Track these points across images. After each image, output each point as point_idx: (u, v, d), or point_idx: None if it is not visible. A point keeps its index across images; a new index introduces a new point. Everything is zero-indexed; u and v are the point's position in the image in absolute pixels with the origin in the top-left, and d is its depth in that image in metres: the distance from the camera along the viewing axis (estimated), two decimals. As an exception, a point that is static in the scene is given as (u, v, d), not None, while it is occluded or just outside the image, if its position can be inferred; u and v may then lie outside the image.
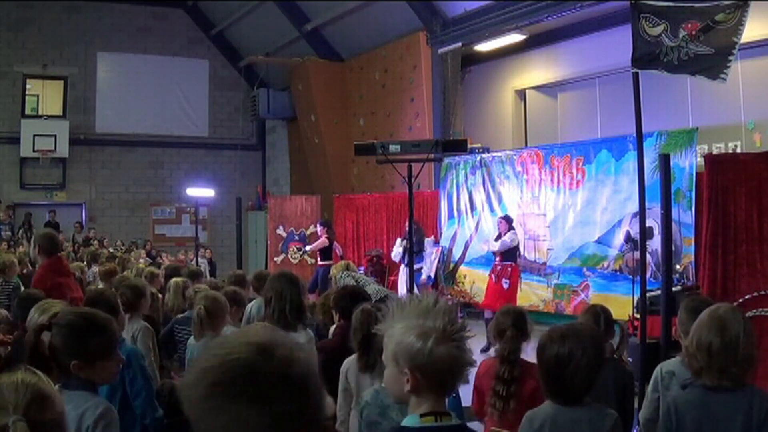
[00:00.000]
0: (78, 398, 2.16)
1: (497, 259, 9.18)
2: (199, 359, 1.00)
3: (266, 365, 0.95)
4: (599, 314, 3.44)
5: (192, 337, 4.08)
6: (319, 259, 12.11)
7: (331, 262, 11.96)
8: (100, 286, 6.21)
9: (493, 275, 9.19)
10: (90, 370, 2.24)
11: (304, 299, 3.82)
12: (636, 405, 3.40)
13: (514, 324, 3.34)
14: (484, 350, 8.52)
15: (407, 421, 1.69)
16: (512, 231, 9.19)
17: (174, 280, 5.75)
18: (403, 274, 10.40)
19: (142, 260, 11.90)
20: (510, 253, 9.05)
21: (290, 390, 0.95)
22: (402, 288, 10.19)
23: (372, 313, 3.35)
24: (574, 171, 9.80)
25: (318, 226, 12.39)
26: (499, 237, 9.23)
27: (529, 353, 3.46)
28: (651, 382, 2.98)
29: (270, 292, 3.77)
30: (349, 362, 3.51)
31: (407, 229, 8.54)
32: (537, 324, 3.80)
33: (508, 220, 9.34)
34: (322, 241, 12.00)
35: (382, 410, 2.72)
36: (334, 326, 4.22)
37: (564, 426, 2.32)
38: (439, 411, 1.66)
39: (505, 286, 8.91)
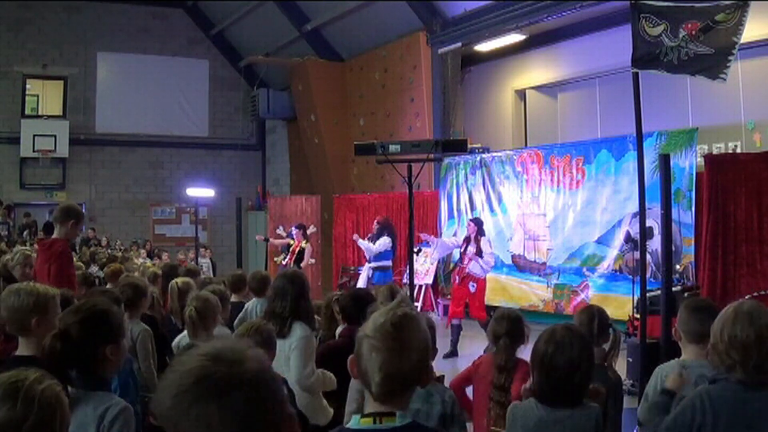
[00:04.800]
0: (98, 398, 2.23)
1: (465, 261, 8.78)
2: (164, 376, 1.18)
3: (216, 368, 1.13)
4: (594, 316, 3.32)
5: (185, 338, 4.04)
6: (291, 264, 10.94)
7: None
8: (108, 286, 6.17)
9: (457, 277, 8.79)
10: (101, 366, 2.29)
11: (306, 297, 3.82)
12: (636, 405, 3.39)
13: (508, 332, 3.34)
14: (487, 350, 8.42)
15: (351, 422, 1.65)
16: (484, 237, 8.85)
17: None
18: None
19: (141, 260, 11.89)
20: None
21: (241, 386, 1.13)
22: (362, 284, 9.98)
23: None
24: (574, 171, 9.80)
25: (294, 229, 11.55)
26: (467, 240, 8.72)
27: (526, 355, 3.49)
28: (651, 383, 2.96)
29: (271, 291, 3.82)
30: None
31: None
32: (536, 324, 3.79)
33: (477, 222, 8.99)
34: (309, 250, 11.33)
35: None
36: (340, 327, 4.19)
37: (548, 426, 2.36)
38: (379, 412, 1.61)
39: (472, 289, 8.54)
